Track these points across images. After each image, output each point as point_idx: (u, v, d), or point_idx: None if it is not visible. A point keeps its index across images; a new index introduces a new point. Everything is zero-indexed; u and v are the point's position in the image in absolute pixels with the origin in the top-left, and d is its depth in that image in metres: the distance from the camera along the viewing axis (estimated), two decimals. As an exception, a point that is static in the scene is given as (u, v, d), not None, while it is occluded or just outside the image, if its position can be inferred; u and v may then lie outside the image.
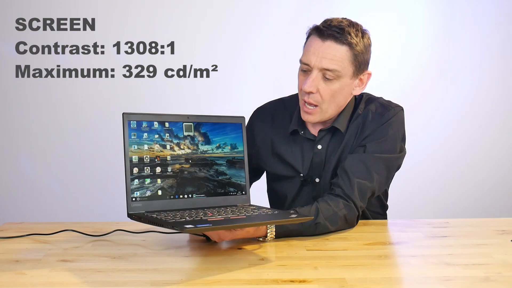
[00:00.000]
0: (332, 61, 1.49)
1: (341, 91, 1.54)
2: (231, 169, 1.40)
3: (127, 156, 1.25)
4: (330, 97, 1.53)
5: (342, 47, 1.50)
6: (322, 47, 1.50)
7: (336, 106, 1.57)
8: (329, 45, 1.50)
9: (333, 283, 1.05)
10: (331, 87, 1.52)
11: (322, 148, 1.62)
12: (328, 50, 1.50)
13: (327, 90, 1.52)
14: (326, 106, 1.55)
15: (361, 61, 1.53)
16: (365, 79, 1.58)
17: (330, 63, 1.49)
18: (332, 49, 1.50)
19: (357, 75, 1.55)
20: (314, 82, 1.51)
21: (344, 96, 1.56)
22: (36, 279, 1.08)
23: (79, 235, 1.41)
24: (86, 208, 2.87)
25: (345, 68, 1.51)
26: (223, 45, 2.89)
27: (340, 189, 1.49)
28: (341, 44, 1.49)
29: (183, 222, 1.13)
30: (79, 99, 2.87)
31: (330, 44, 1.50)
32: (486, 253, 1.26)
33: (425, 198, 3.00)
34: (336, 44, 1.50)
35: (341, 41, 1.49)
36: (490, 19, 2.97)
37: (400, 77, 2.94)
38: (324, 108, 1.55)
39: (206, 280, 1.07)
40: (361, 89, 1.60)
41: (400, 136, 1.61)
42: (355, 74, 1.54)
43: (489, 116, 3.02)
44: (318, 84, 1.52)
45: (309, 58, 1.52)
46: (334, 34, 1.49)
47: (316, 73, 1.51)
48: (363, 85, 1.59)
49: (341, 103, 1.58)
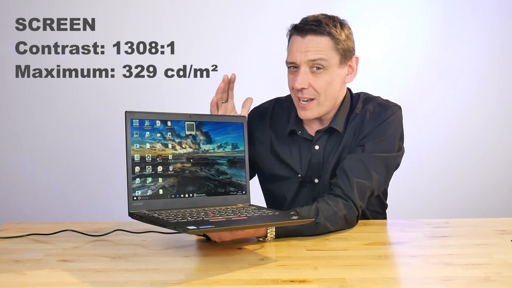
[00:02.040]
0: (316, 52, 1.51)
1: (332, 81, 1.55)
2: (231, 169, 1.40)
3: (129, 154, 1.25)
4: (324, 89, 1.54)
5: (323, 37, 1.52)
6: (304, 42, 1.52)
7: (332, 98, 1.57)
8: (310, 38, 1.52)
9: (333, 283, 1.05)
10: (321, 78, 1.53)
11: (320, 148, 1.62)
12: (310, 44, 1.52)
13: (318, 82, 1.53)
14: (323, 99, 1.55)
15: (345, 48, 1.55)
16: (354, 64, 1.59)
17: (315, 54, 1.51)
18: (314, 41, 1.52)
19: (344, 62, 1.56)
20: (304, 77, 1.52)
21: (337, 86, 1.57)
22: (36, 279, 1.08)
23: (79, 235, 1.41)
24: (86, 208, 2.87)
25: (331, 57, 1.52)
26: (223, 45, 2.89)
27: (339, 189, 1.49)
28: (321, 35, 1.52)
29: (185, 223, 1.13)
30: (79, 99, 2.86)
31: (311, 38, 1.52)
32: (486, 253, 1.26)
33: (425, 198, 2.99)
34: (317, 36, 1.52)
35: (321, 32, 1.52)
36: (490, 19, 2.96)
37: (400, 77, 2.94)
38: (321, 101, 1.55)
39: (206, 280, 1.07)
40: (353, 76, 1.60)
41: (399, 135, 1.61)
42: (342, 62, 1.55)
43: (489, 116, 3.01)
44: (308, 78, 1.53)
45: (294, 56, 1.54)
46: (312, 27, 1.52)
47: (304, 68, 1.52)
48: (354, 71, 1.60)
49: (336, 94, 1.58)
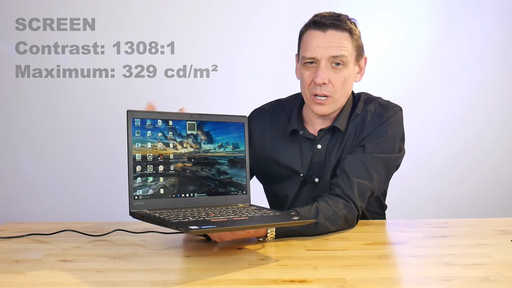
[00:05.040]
0: (338, 48, 1.51)
1: (348, 78, 1.56)
2: (232, 169, 1.40)
3: (130, 153, 1.25)
4: (342, 86, 1.54)
5: (344, 33, 1.52)
6: (325, 37, 1.51)
7: (345, 95, 1.58)
8: (331, 33, 1.51)
9: (333, 283, 1.05)
10: (341, 75, 1.53)
11: (322, 147, 1.62)
12: (332, 39, 1.51)
13: (338, 79, 1.53)
14: (338, 96, 1.56)
15: (360, 45, 1.56)
16: (363, 64, 1.61)
17: (338, 50, 1.51)
18: (336, 37, 1.51)
19: (358, 60, 1.57)
20: (326, 72, 1.52)
21: (351, 83, 1.59)
22: (36, 279, 1.08)
23: (79, 235, 1.41)
24: (86, 208, 2.87)
25: (350, 53, 1.53)
26: (223, 45, 2.89)
27: (339, 189, 1.49)
28: (342, 30, 1.52)
29: (187, 223, 1.12)
30: (79, 99, 2.87)
31: (332, 32, 1.51)
32: (486, 253, 1.25)
33: (425, 198, 3.00)
34: (338, 32, 1.51)
35: (342, 28, 1.51)
36: (490, 19, 2.96)
37: (400, 77, 2.94)
38: (336, 98, 1.56)
39: (206, 280, 1.07)
40: (361, 76, 1.61)
41: (399, 136, 1.61)
42: (356, 60, 1.57)
43: (489, 116, 3.02)
44: (329, 74, 1.52)
45: (314, 51, 1.52)
46: (334, 22, 1.51)
47: (324, 64, 1.52)
48: (362, 71, 1.61)
49: (349, 91, 1.59)
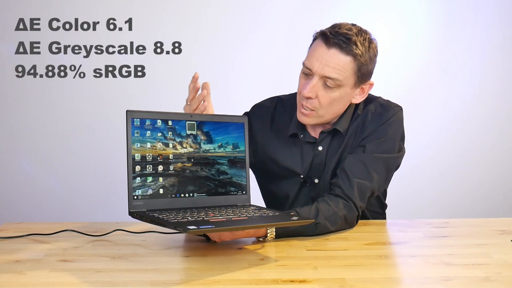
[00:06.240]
0: (334, 70, 1.48)
1: (340, 100, 1.53)
2: (232, 169, 1.40)
3: (130, 153, 1.24)
4: (328, 104, 1.53)
5: (347, 57, 1.48)
6: (327, 54, 1.48)
7: (333, 113, 1.56)
8: (333, 53, 1.48)
9: (333, 283, 1.05)
10: (330, 94, 1.51)
11: (323, 149, 1.62)
12: (331, 58, 1.48)
13: (325, 97, 1.51)
14: (323, 112, 1.54)
15: (364, 72, 1.52)
16: (367, 88, 1.58)
17: (332, 72, 1.48)
18: (336, 57, 1.48)
19: (358, 85, 1.54)
20: (314, 88, 1.51)
21: (342, 104, 1.56)
22: (36, 279, 1.08)
23: (79, 235, 1.41)
24: (86, 208, 2.87)
25: (347, 78, 1.50)
26: (223, 45, 2.89)
27: (339, 189, 1.49)
28: (346, 54, 1.48)
29: (185, 223, 1.12)
30: (79, 99, 2.86)
31: (335, 52, 1.48)
32: (486, 253, 1.26)
33: (425, 198, 2.99)
34: (341, 54, 1.48)
35: (346, 51, 1.47)
36: (490, 19, 2.96)
37: (401, 77, 2.94)
38: (320, 114, 1.55)
39: (206, 280, 1.07)
40: (361, 98, 1.59)
41: (399, 136, 1.60)
42: (356, 84, 1.53)
43: (489, 116, 3.01)
44: (318, 90, 1.51)
45: (312, 63, 1.50)
46: (339, 43, 1.47)
47: (317, 80, 1.50)
48: (364, 94, 1.58)
49: (339, 110, 1.57)
